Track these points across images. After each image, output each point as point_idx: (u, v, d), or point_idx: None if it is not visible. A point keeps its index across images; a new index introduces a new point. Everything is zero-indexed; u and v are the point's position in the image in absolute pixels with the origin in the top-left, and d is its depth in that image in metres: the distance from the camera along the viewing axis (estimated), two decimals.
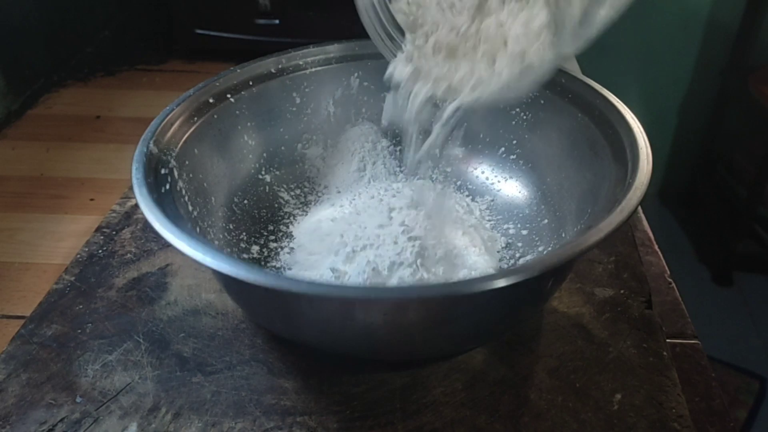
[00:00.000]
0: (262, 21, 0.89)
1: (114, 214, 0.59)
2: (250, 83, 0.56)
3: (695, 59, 1.62)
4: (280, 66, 0.58)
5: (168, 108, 0.50)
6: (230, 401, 0.42)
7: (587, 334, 0.47)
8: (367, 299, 0.36)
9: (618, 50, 1.55)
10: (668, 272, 0.55)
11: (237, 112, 0.55)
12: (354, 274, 0.45)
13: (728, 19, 1.54)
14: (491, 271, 0.49)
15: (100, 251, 0.55)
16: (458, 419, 0.41)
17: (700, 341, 0.50)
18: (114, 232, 0.57)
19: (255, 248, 0.53)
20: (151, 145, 0.46)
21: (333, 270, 0.46)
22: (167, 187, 0.44)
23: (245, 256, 0.52)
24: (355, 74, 0.59)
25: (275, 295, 0.37)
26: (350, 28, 0.90)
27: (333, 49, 0.60)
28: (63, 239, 0.61)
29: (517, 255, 0.53)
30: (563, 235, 0.50)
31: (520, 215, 0.56)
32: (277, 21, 0.89)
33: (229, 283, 0.42)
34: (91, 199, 0.67)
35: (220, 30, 0.91)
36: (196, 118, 0.51)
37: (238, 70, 0.57)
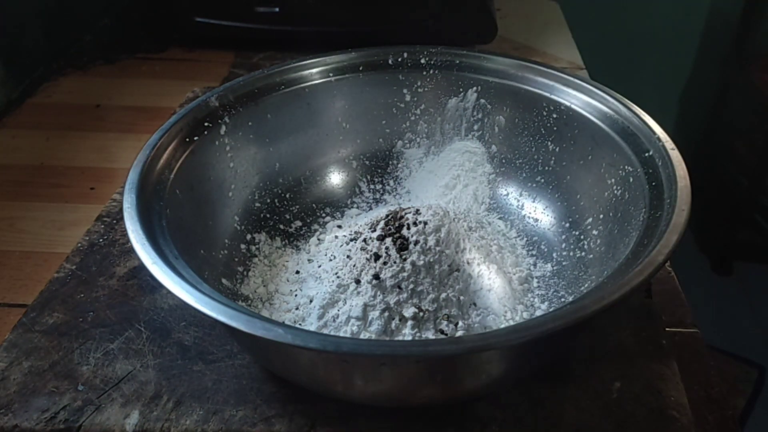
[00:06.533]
0: (262, 9, 0.88)
1: (114, 203, 0.59)
2: (360, 68, 0.57)
3: (697, 48, 1.62)
4: (399, 59, 0.58)
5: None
6: (231, 389, 0.42)
7: None
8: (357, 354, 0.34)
9: (619, 39, 1.54)
10: (668, 261, 0.55)
11: (335, 92, 0.57)
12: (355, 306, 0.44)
13: (730, 7, 1.53)
14: (504, 315, 0.47)
15: (100, 240, 0.55)
16: None
17: (700, 330, 0.50)
18: (114, 221, 0.57)
19: (297, 223, 0.56)
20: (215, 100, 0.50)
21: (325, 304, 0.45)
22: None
23: (282, 226, 0.55)
24: (475, 88, 0.58)
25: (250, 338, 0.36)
26: (350, 17, 0.91)
27: (457, 55, 0.58)
28: (63, 228, 0.61)
29: (536, 298, 0.50)
30: (590, 272, 0.48)
31: (549, 244, 0.53)
32: (276, 9, 0.88)
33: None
34: (92, 188, 0.67)
35: (219, 18, 0.90)
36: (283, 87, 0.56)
37: (353, 54, 0.58)
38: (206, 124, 0.51)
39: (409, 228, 0.46)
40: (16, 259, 0.57)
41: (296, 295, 0.48)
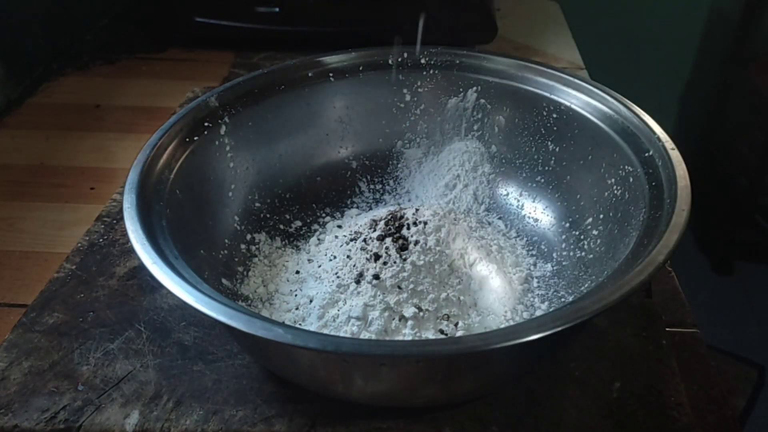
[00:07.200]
0: (262, 9, 0.88)
1: (114, 203, 0.59)
2: (360, 68, 0.57)
3: (697, 47, 1.62)
4: (399, 59, 0.58)
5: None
6: (231, 389, 0.42)
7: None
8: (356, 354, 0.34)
9: (619, 39, 1.54)
10: (668, 261, 0.55)
11: (335, 92, 0.57)
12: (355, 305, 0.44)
13: (730, 7, 1.53)
14: (504, 315, 0.47)
15: (100, 240, 0.55)
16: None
17: (700, 330, 0.50)
18: (114, 221, 0.57)
19: (297, 223, 0.56)
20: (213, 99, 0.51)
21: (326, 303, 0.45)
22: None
23: (282, 226, 0.55)
24: (475, 88, 0.58)
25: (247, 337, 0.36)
26: (350, 17, 0.90)
27: (457, 55, 0.58)
28: (63, 228, 0.61)
29: (536, 298, 0.49)
30: (590, 273, 0.48)
31: (549, 245, 0.53)
32: (276, 9, 0.88)
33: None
34: (92, 188, 0.67)
35: (219, 18, 0.90)
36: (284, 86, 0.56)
37: (353, 54, 0.58)
38: (206, 124, 0.51)
39: (409, 228, 0.46)
40: (16, 259, 0.57)
41: (296, 295, 0.48)
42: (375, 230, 0.46)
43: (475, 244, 0.50)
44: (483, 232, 0.54)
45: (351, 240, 0.47)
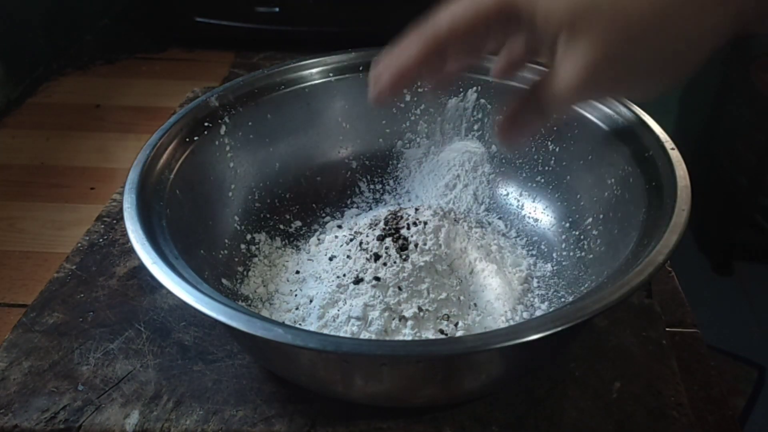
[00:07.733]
0: (262, 9, 0.88)
1: (114, 203, 0.59)
2: (360, 68, 0.57)
3: None
4: None
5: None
6: (231, 389, 0.42)
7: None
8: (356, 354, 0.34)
9: None
10: (668, 261, 0.55)
11: (335, 92, 0.57)
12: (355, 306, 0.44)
13: None
14: (504, 315, 0.47)
15: (100, 240, 0.55)
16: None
17: (700, 330, 0.50)
18: (114, 221, 0.57)
19: (297, 223, 0.56)
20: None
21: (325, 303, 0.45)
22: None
23: (282, 226, 0.56)
24: (475, 88, 0.58)
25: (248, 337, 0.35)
26: (350, 17, 0.90)
27: None
28: (63, 228, 0.61)
29: (536, 298, 0.49)
30: (589, 272, 0.48)
31: (549, 244, 0.53)
32: (276, 9, 0.88)
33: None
34: (92, 188, 0.67)
35: (219, 18, 0.90)
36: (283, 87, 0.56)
37: (353, 54, 0.58)
38: (206, 124, 0.51)
39: (408, 228, 0.46)
40: (16, 259, 0.58)
41: (296, 295, 0.48)
42: (375, 230, 0.46)
43: (475, 244, 0.50)
44: (483, 232, 0.54)
45: (351, 240, 0.47)
